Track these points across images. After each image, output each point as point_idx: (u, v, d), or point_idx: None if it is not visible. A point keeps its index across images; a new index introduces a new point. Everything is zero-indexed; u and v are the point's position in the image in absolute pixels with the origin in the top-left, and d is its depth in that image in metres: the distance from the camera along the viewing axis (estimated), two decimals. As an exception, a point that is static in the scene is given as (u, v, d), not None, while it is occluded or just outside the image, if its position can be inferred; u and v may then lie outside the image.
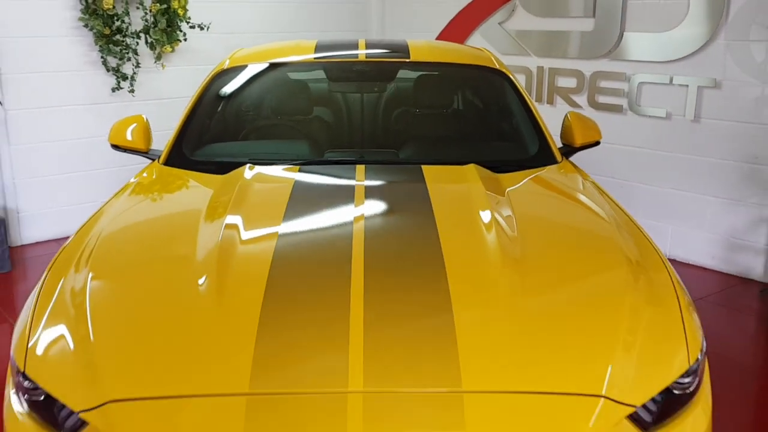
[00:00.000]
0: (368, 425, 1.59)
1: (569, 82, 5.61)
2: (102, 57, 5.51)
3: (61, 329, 1.91)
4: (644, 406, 1.75)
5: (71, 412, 1.73)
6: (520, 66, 5.87)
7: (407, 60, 3.56)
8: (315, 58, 3.56)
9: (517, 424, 1.64)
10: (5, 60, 5.14)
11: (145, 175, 3.04)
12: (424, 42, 3.95)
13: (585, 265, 2.21)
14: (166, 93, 5.82)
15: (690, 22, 4.85)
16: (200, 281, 2.02)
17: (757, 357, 3.81)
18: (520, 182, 2.83)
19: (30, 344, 1.90)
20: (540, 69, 5.79)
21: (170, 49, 5.67)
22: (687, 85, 4.92)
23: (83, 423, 1.70)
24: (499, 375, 1.71)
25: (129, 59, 5.57)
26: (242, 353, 1.74)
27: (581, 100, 5.53)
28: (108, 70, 5.57)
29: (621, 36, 5.23)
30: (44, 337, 1.91)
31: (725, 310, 4.46)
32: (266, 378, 1.69)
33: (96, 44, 5.45)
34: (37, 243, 5.51)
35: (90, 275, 2.10)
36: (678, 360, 1.85)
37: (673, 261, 5.19)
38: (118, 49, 5.48)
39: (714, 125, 4.87)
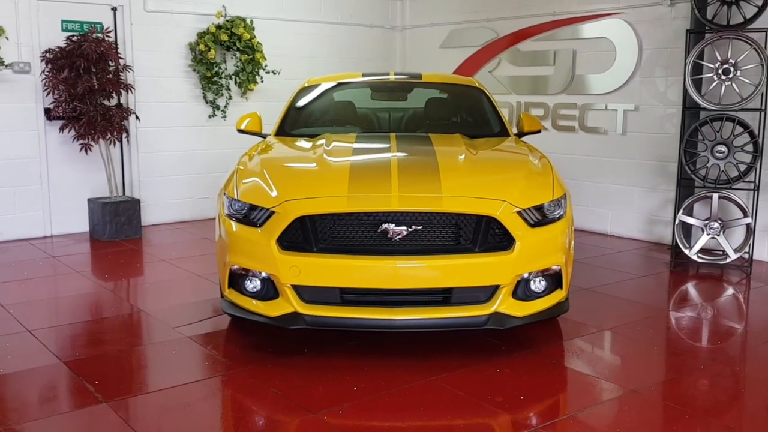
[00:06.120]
0: (401, 205, 3.66)
1: (539, 112, 7.75)
2: (203, 92, 7.75)
3: (253, 178, 4.06)
4: (526, 212, 3.79)
5: (265, 211, 3.79)
6: (505, 102, 8.02)
7: (420, 81, 5.72)
8: (363, 81, 5.73)
9: (466, 207, 3.70)
10: (140, 92, 7.39)
11: (267, 142, 5.15)
12: (432, 72, 6.12)
13: (508, 162, 4.43)
14: (248, 119, 7.98)
15: (617, 66, 7.01)
16: (319, 160, 4.18)
17: (657, 276, 5.80)
18: (484, 141, 4.91)
19: (238, 188, 4.01)
20: (519, 103, 7.95)
21: (252, 88, 7.92)
22: (617, 110, 7.05)
23: (271, 214, 3.76)
24: (459, 190, 3.81)
25: (222, 94, 7.81)
26: (343, 180, 3.85)
27: (547, 124, 7.64)
28: (206, 102, 7.81)
29: (572, 77, 7.39)
30: (245, 182, 4.05)
31: (645, 258, 6.45)
32: (354, 189, 3.78)
33: (200, 83, 7.71)
34: (153, 225, 7.63)
35: (262, 163, 4.23)
36: (545, 195, 3.93)
37: (612, 236, 7.21)
38: (215, 87, 7.73)
39: (635, 137, 6.96)
